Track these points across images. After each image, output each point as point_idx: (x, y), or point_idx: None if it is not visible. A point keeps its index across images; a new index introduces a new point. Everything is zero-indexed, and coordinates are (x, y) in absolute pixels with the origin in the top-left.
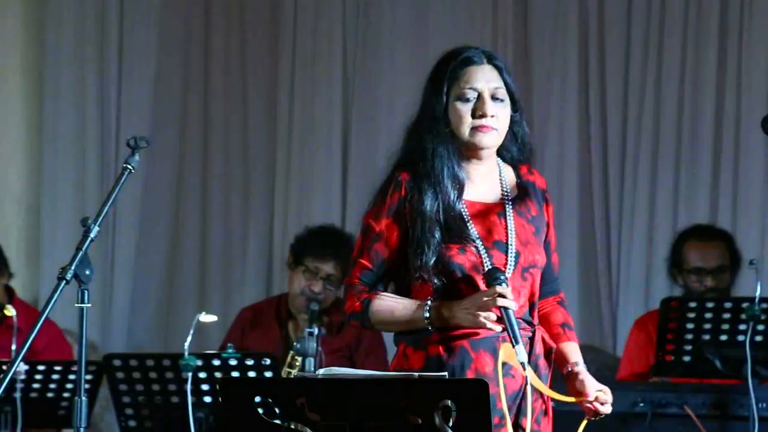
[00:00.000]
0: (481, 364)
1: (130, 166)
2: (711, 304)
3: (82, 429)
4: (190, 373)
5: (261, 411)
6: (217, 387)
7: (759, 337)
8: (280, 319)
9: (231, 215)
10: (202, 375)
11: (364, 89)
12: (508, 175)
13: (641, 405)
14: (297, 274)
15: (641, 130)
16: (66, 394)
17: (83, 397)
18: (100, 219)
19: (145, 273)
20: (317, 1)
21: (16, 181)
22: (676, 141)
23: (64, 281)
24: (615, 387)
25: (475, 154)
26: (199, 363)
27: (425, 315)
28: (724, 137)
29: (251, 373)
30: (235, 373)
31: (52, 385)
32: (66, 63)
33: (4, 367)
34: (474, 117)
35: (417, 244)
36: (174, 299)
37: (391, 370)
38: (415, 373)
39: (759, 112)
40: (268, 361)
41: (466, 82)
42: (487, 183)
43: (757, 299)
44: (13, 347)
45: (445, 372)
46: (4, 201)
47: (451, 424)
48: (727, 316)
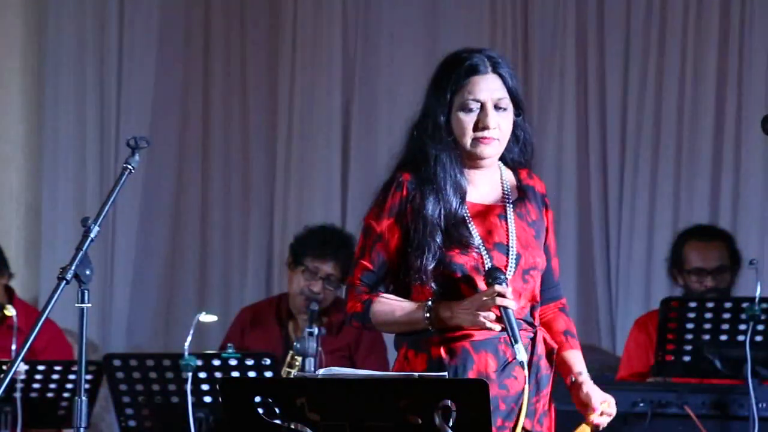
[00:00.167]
0: (483, 365)
1: (130, 166)
2: (711, 304)
3: (82, 429)
4: (190, 373)
5: (261, 411)
6: (217, 387)
7: (759, 337)
8: (280, 319)
9: (231, 215)
10: (202, 375)
11: (364, 89)
12: (509, 178)
13: (641, 405)
14: (297, 274)
15: (641, 129)
16: (66, 394)
17: (83, 397)
18: (100, 219)
19: (145, 273)
20: (317, 1)
21: (16, 181)
22: (676, 141)
23: (64, 281)
24: (615, 387)
25: (476, 162)
26: (199, 363)
27: (425, 315)
28: (724, 137)
29: (251, 373)
30: (235, 373)
31: (52, 385)
32: (66, 63)
33: (4, 367)
34: (476, 129)
35: (418, 246)
36: (174, 299)
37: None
38: (415, 373)
39: (759, 111)
40: (268, 361)
41: (469, 93)
42: (489, 185)
43: (757, 299)
44: (13, 347)
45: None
46: (4, 201)
47: (451, 424)
48: (727, 316)
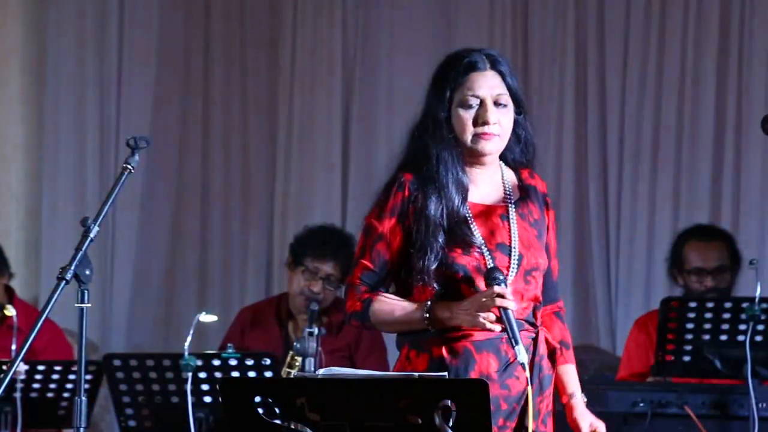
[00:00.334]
0: (484, 365)
1: (130, 166)
2: (711, 304)
3: (82, 429)
4: (190, 373)
5: (261, 411)
6: (217, 387)
7: (759, 337)
8: (280, 319)
9: (231, 215)
10: (202, 375)
11: (364, 89)
12: (510, 178)
13: (641, 405)
14: (296, 274)
15: (641, 129)
16: (66, 394)
17: (83, 397)
18: (100, 219)
19: (145, 273)
20: (317, 1)
21: (16, 181)
22: (676, 141)
23: (64, 281)
24: (615, 387)
25: (477, 159)
26: (199, 363)
27: (425, 315)
28: (724, 137)
29: (251, 373)
30: (235, 373)
31: (52, 385)
32: (66, 63)
33: (4, 367)
34: (476, 124)
35: (420, 246)
36: (174, 299)
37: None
38: (415, 373)
39: (759, 111)
40: (268, 361)
41: (468, 89)
42: (490, 185)
43: (757, 299)
44: (13, 347)
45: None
46: (4, 201)
47: (451, 424)
48: (727, 316)
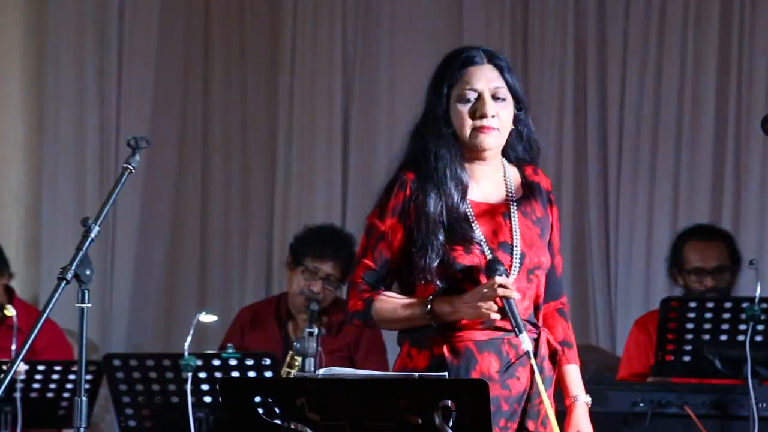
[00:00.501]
0: (486, 365)
1: (130, 167)
2: (711, 304)
3: (82, 429)
4: (190, 373)
5: (261, 411)
6: (217, 387)
7: (759, 337)
8: (280, 319)
9: (231, 215)
10: (202, 375)
11: (364, 89)
12: (513, 176)
13: (641, 405)
14: (296, 274)
15: (640, 129)
16: (66, 394)
17: (83, 397)
18: (101, 219)
19: (145, 273)
20: (317, 1)
21: (16, 181)
22: (676, 141)
23: (65, 281)
24: (615, 387)
25: (478, 155)
26: (199, 363)
27: (427, 310)
28: (724, 137)
29: (251, 373)
30: (235, 373)
31: (52, 385)
32: (66, 63)
33: (4, 367)
34: (474, 118)
35: (421, 245)
36: (174, 299)
37: (395, 370)
38: (415, 373)
39: (759, 111)
40: (268, 361)
41: (466, 83)
42: (492, 183)
43: (757, 299)
44: (13, 347)
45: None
46: (4, 201)
47: (451, 424)
48: (727, 316)
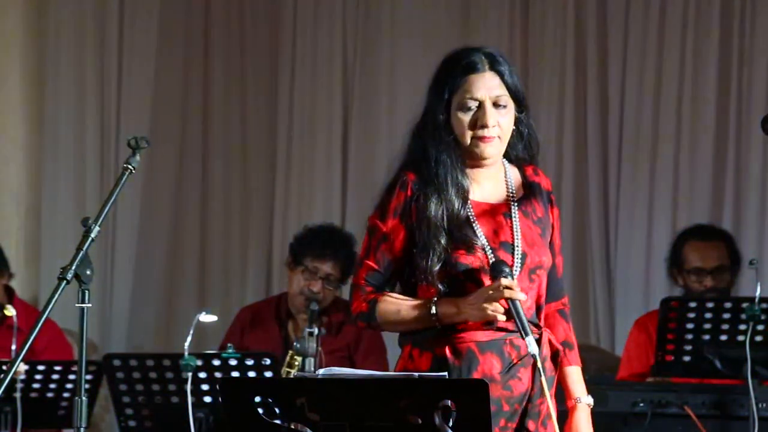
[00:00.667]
0: (488, 366)
1: (130, 167)
2: (711, 304)
3: (82, 429)
4: (190, 373)
5: (261, 411)
6: (217, 387)
7: (759, 337)
8: (280, 319)
9: (231, 215)
10: (202, 375)
11: (364, 89)
12: (514, 176)
13: (641, 405)
14: (296, 273)
15: (640, 129)
16: (66, 394)
17: (83, 397)
18: (101, 219)
19: (145, 273)
20: (317, 1)
21: (16, 181)
22: (676, 141)
23: (65, 281)
24: (615, 387)
25: (478, 162)
26: (199, 363)
27: (432, 312)
28: (724, 137)
29: (251, 373)
30: (235, 373)
31: (52, 385)
32: (66, 63)
33: (4, 367)
34: (475, 127)
35: (423, 247)
36: (174, 299)
37: (397, 371)
38: (415, 373)
39: (759, 111)
40: (268, 361)
41: (466, 92)
42: (493, 184)
43: (757, 299)
44: (13, 347)
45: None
46: (4, 201)
47: (451, 424)
48: (727, 316)
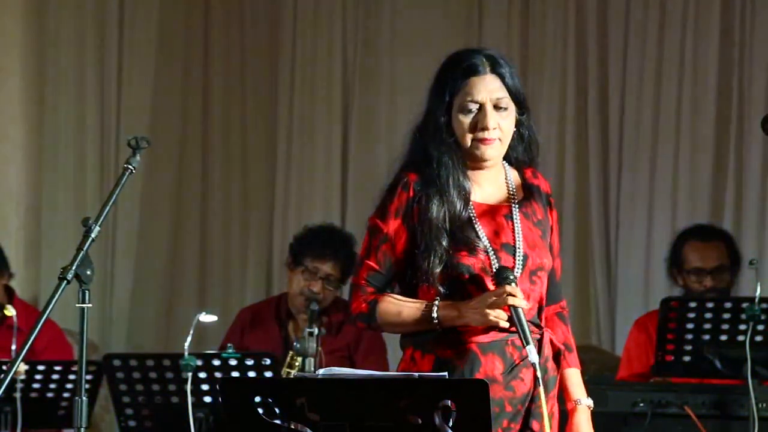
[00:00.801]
0: (490, 367)
1: (131, 167)
2: (711, 304)
3: (82, 429)
4: (190, 373)
5: (261, 411)
6: (217, 387)
7: (759, 337)
8: (280, 320)
9: (231, 215)
10: (202, 375)
11: (364, 89)
12: (513, 178)
13: (641, 405)
14: (296, 274)
15: (640, 129)
16: (66, 394)
17: (83, 397)
18: (101, 219)
19: (145, 273)
20: (317, 1)
21: (16, 181)
22: (676, 141)
23: (65, 281)
24: (615, 387)
25: (479, 164)
26: (199, 363)
27: (433, 315)
28: (724, 137)
29: (251, 373)
30: (235, 373)
31: (52, 385)
32: (66, 63)
33: (4, 367)
34: (476, 130)
35: (424, 248)
36: (174, 299)
37: None
38: (415, 373)
39: (759, 111)
40: (268, 361)
41: (467, 94)
42: (494, 185)
43: (757, 299)
44: (13, 347)
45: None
46: (4, 201)
47: (451, 424)
48: (727, 316)
